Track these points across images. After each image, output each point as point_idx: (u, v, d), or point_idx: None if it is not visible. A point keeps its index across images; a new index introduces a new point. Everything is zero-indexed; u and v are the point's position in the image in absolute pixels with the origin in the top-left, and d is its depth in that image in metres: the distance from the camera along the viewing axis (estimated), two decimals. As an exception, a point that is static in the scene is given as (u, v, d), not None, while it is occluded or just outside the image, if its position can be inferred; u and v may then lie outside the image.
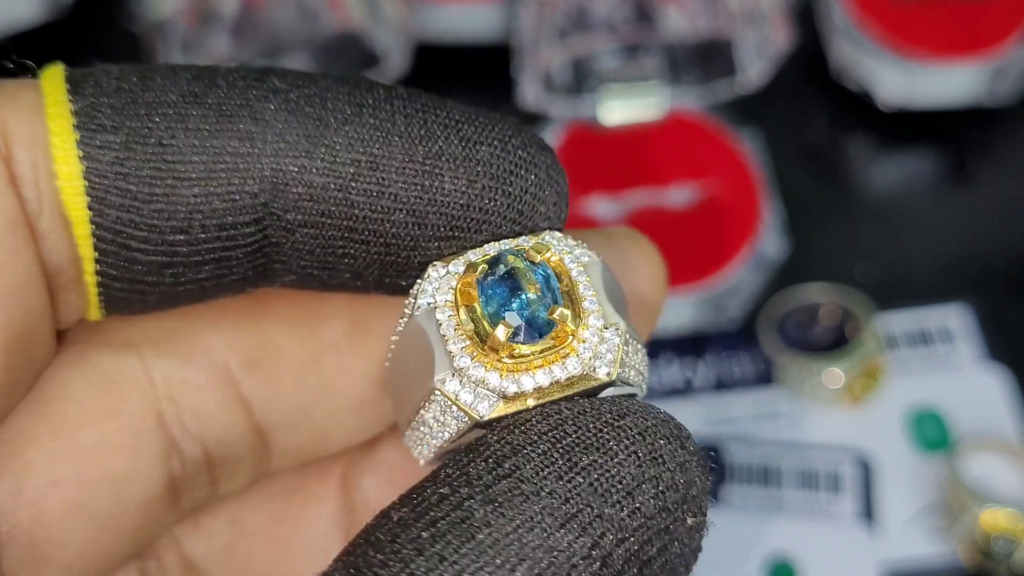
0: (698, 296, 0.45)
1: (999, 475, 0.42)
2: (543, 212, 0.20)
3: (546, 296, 0.19)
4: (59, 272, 0.20)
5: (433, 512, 0.17)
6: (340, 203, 0.19)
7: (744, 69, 0.49)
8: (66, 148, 0.19)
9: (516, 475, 0.17)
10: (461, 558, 0.16)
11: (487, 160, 0.20)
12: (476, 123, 0.20)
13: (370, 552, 0.17)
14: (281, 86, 0.19)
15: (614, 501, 0.17)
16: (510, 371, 0.19)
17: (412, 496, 0.18)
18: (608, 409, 0.18)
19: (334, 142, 0.19)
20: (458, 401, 0.19)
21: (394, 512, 0.17)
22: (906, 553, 0.41)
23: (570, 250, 0.20)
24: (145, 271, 0.19)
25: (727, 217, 0.47)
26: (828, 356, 0.44)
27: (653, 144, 0.49)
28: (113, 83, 0.19)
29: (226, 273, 0.20)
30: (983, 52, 0.49)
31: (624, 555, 0.17)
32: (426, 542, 0.17)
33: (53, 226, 0.19)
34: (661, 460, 0.18)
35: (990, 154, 0.52)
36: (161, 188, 0.19)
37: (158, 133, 0.19)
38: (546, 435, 0.18)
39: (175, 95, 0.19)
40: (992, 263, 0.49)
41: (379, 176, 0.19)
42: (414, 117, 0.20)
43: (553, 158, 0.21)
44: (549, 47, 0.48)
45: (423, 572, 0.16)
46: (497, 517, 0.17)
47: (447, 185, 0.19)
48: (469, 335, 0.19)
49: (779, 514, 0.42)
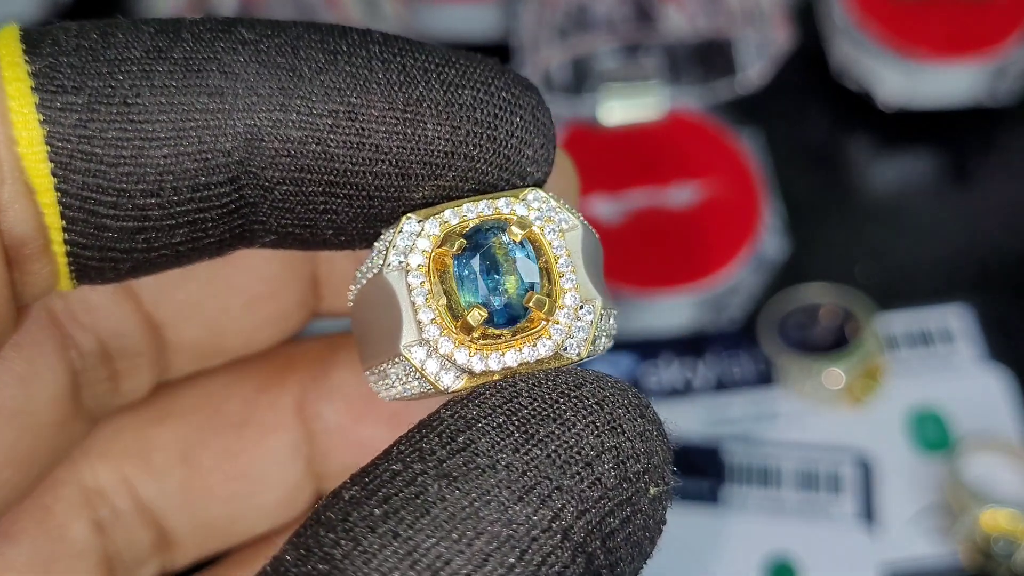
0: (698, 296, 0.45)
1: (999, 476, 0.42)
2: (530, 156, 0.20)
3: (524, 282, 0.18)
4: (24, 243, 0.19)
5: (385, 489, 0.17)
6: (319, 157, 0.19)
7: (744, 69, 0.49)
8: (25, 112, 0.18)
9: (471, 449, 0.17)
10: (416, 534, 0.16)
11: (470, 104, 0.19)
12: (457, 65, 0.19)
13: (321, 532, 0.17)
14: (250, 36, 0.18)
15: (573, 472, 0.17)
16: (479, 349, 0.18)
17: (364, 474, 0.17)
18: (564, 380, 0.18)
19: (309, 93, 0.18)
20: (423, 371, 0.18)
21: (345, 491, 0.17)
22: (906, 554, 0.41)
23: (552, 215, 0.19)
24: (116, 238, 0.19)
25: (727, 217, 0.47)
26: (828, 356, 0.44)
27: (653, 144, 0.49)
28: (72, 41, 0.18)
29: (201, 236, 0.19)
30: (983, 52, 0.49)
31: (586, 527, 0.17)
32: (379, 519, 0.16)
33: (16, 196, 0.18)
34: (620, 430, 0.17)
35: (990, 154, 0.52)
36: (128, 150, 0.18)
37: (122, 92, 0.18)
38: (501, 408, 0.17)
39: (138, 51, 0.18)
40: (992, 263, 0.49)
41: (358, 126, 0.18)
42: (392, 62, 0.19)
43: (539, 98, 0.20)
44: (549, 47, 0.48)
45: (376, 549, 0.16)
46: (452, 491, 0.16)
47: (430, 132, 0.19)
48: (442, 310, 0.18)
49: (779, 514, 0.42)
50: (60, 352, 0.22)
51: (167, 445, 0.25)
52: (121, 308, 0.23)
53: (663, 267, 0.45)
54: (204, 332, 0.24)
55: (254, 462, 0.25)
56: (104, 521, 0.24)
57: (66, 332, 0.22)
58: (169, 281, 0.23)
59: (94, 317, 0.23)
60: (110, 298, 0.23)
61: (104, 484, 0.24)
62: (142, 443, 0.25)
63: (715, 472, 0.43)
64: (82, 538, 0.24)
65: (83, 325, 0.23)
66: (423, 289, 0.18)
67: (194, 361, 0.25)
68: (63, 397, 0.22)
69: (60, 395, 0.22)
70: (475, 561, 0.16)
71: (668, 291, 0.45)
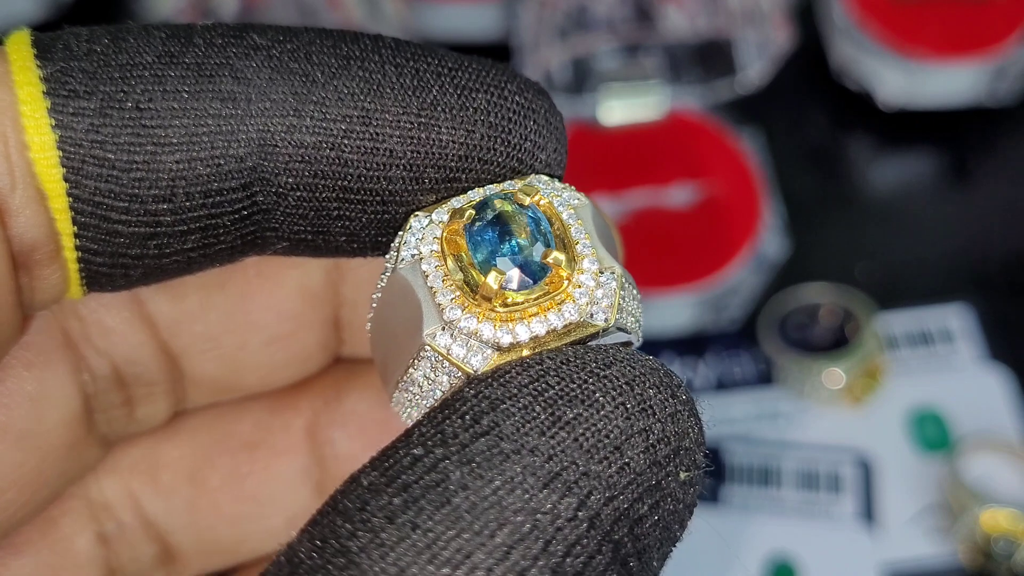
0: (698, 296, 0.45)
1: (999, 475, 0.42)
2: (543, 159, 0.19)
3: (537, 240, 0.18)
4: (34, 248, 0.18)
5: (405, 476, 0.16)
6: (333, 162, 0.18)
7: (744, 69, 0.49)
8: (37, 117, 0.17)
9: (495, 432, 0.16)
10: (436, 525, 0.15)
11: (484, 108, 0.19)
12: (470, 69, 0.19)
13: (338, 521, 0.16)
14: (262, 42, 0.18)
15: (601, 457, 0.16)
16: (504, 321, 0.18)
17: (383, 459, 0.17)
18: (593, 358, 0.17)
19: (323, 98, 0.18)
20: (449, 356, 0.18)
21: (364, 476, 0.16)
22: (906, 553, 0.41)
23: (559, 192, 0.19)
24: (128, 243, 0.18)
25: (727, 217, 0.47)
26: (828, 356, 0.44)
27: (653, 144, 0.49)
28: (84, 46, 0.18)
29: (213, 242, 0.19)
30: (983, 52, 0.49)
31: (613, 514, 0.16)
32: (398, 509, 0.16)
33: (27, 201, 0.18)
34: (651, 411, 0.17)
35: (990, 154, 0.52)
36: (141, 155, 0.18)
37: (134, 97, 0.18)
38: (527, 388, 0.17)
39: (150, 56, 0.18)
40: (992, 263, 0.49)
41: (372, 131, 0.18)
42: (405, 67, 0.18)
43: (550, 103, 0.20)
44: (549, 47, 0.48)
45: (394, 542, 0.15)
46: (475, 479, 0.16)
47: (444, 136, 0.18)
48: (458, 285, 0.18)
49: (779, 514, 0.42)
50: (73, 374, 0.22)
51: (175, 463, 0.24)
52: (137, 334, 0.23)
53: (663, 267, 0.45)
54: (222, 367, 0.24)
55: (263, 485, 0.25)
56: (109, 534, 0.24)
57: (80, 354, 0.22)
58: (188, 312, 0.23)
59: (109, 342, 0.22)
60: (126, 323, 0.22)
61: (111, 498, 0.24)
62: (151, 460, 0.24)
63: (715, 472, 0.43)
64: (86, 550, 0.23)
65: (98, 349, 0.22)
66: (439, 272, 0.18)
67: (211, 394, 0.24)
68: (75, 420, 0.22)
69: (71, 418, 0.22)
70: (497, 554, 0.15)
71: (668, 291, 0.45)
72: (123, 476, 0.24)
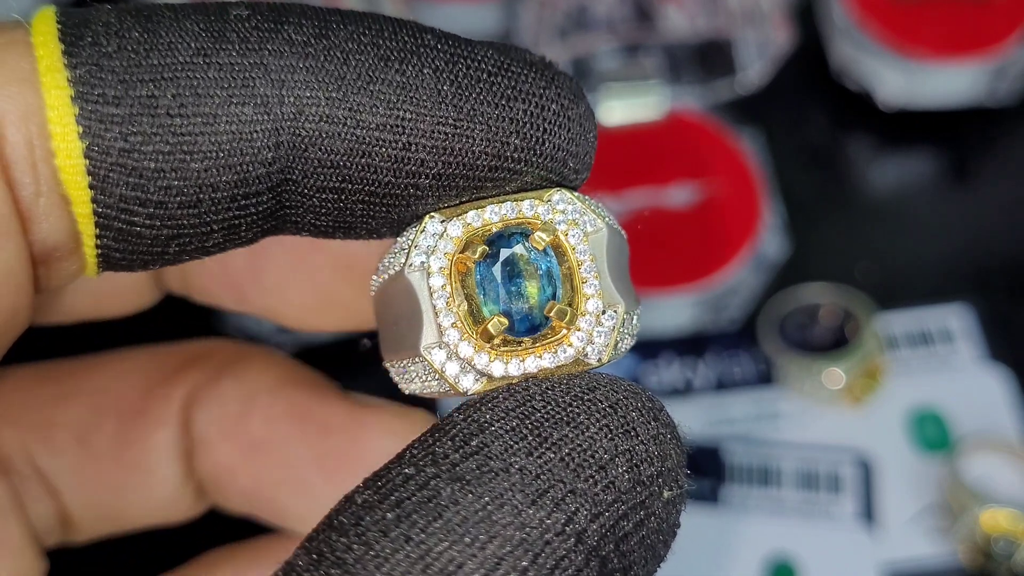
0: (698, 296, 0.45)
1: (999, 475, 0.42)
2: (572, 167, 0.19)
3: (545, 291, 0.18)
4: (56, 248, 0.18)
5: (398, 492, 0.17)
6: (363, 169, 0.18)
7: (744, 69, 0.49)
8: (64, 124, 0.17)
9: (484, 452, 0.17)
10: (428, 537, 0.16)
11: (521, 119, 0.18)
12: (510, 74, 0.19)
13: (333, 536, 0.17)
14: (298, 38, 0.18)
15: (587, 476, 0.17)
16: (500, 356, 0.18)
17: (376, 478, 0.17)
18: (577, 383, 0.18)
19: (358, 104, 0.18)
20: (443, 372, 0.18)
21: (358, 495, 0.17)
22: (906, 554, 0.41)
23: (576, 217, 0.19)
24: (149, 244, 0.18)
25: (727, 217, 0.47)
26: (828, 356, 0.44)
27: (653, 144, 0.49)
28: (114, 42, 0.17)
29: (234, 239, 0.19)
30: (983, 52, 0.49)
31: (599, 531, 0.17)
32: (391, 523, 0.16)
33: (52, 207, 0.18)
34: (634, 433, 0.18)
35: (990, 154, 0.52)
36: (169, 163, 0.17)
37: (165, 103, 0.17)
38: (514, 411, 0.17)
39: (183, 55, 0.17)
40: (992, 263, 0.49)
41: (405, 140, 0.18)
42: (444, 71, 0.18)
43: (586, 106, 0.19)
44: (549, 47, 0.48)
45: (388, 553, 0.16)
46: (465, 495, 0.16)
47: (477, 147, 0.18)
48: (461, 315, 0.18)
49: (779, 514, 0.42)
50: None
51: (67, 423, 0.24)
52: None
53: (663, 267, 0.45)
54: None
55: (144, 454, 0.25)
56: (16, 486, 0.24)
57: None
58: None
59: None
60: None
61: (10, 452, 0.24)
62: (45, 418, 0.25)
63: (715, 472, 0.43)
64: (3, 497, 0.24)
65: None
66: (444, 292, 0.18)
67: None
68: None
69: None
70: (488, 565, 0.16)
71: (668, 291, 0.45)
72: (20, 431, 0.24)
